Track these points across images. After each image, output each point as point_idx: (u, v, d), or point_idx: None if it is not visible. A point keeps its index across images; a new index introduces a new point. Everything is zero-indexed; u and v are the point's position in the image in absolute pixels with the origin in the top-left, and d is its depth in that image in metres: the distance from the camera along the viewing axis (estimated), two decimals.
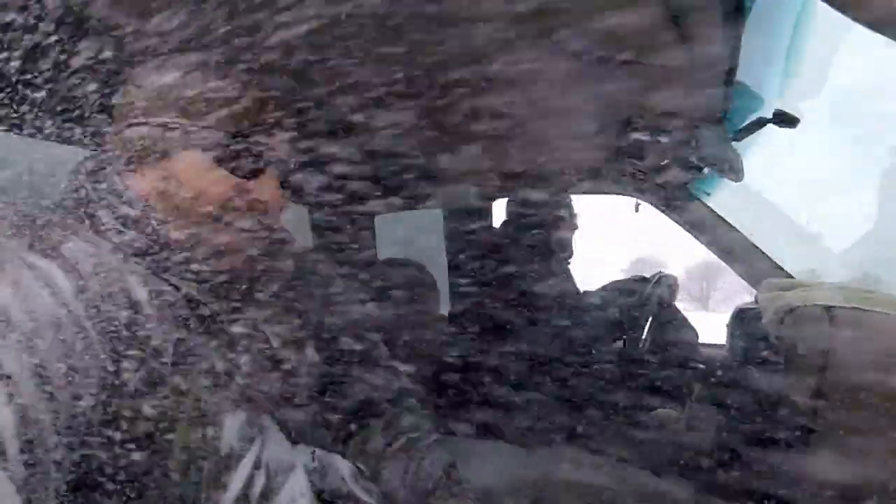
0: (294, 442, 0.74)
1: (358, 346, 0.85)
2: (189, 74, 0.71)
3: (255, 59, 0.81)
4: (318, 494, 0.72)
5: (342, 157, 1.85)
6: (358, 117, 1.36)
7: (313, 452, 0.75)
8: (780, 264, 1.78)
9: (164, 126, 0.69)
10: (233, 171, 0.70)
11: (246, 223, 0.73)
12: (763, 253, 1.82)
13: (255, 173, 0.72)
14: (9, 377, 0.42)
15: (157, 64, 0.73)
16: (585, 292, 1.87)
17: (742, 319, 1.65)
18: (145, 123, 0.70)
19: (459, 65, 1.11)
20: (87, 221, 0.66)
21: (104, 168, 0.75)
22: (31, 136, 1.22)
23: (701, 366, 1.40)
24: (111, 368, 0.54)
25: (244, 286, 0.77)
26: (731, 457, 1.20)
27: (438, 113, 1.42)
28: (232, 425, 0.65)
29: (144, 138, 0.70)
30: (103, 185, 0.70)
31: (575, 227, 2.08)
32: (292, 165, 0.78)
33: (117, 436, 0.56)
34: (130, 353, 0.57)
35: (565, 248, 2.05)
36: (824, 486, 1.01)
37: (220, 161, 0.70)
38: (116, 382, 0.55)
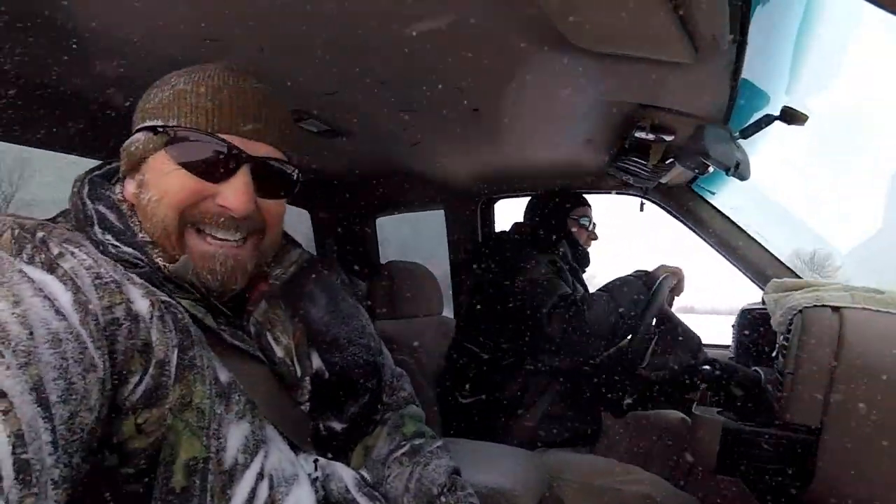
0: (297, 451, 0.73)
1: (362, 354, 0.84)
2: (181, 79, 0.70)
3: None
4: (322, 503, 0.71)
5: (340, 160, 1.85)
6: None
7: (316, 461, 0.74)
8: (787, 264, 1.77)
9: (148, 130, 0.68)
10: (197, 173, 0.67)
11: (218, 231, 0.69)
12: (769, 252, 1.80)
13: (222, 175, 0.68)
14: (4, 394, 0.41)
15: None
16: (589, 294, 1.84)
17: (749, 319, 1.64)
18: (139, 129, 0.69)
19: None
20: (83, 233, 0.65)
21: (110, 178, 0.74)
22: None
23: (706, 367, 1.38)
24: (112, 382, 0.53)
25: (236, 296, 0.74)
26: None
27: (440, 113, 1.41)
28: (236, 436, 0.63)
29: (132, 144, 0.70)
30: (103, 198, 0.69)
31: (595, 238, 2.05)
32: (282, 168, 0.73)
33: (119, 450, 0.55)
34: (132, 366, 0.56)
35: (585, 261, 2.04)
36: (833, 490, 1.00)
37: (184, 163, 0.67)
38: (118, 398, 0.54)
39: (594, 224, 2.03)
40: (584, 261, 2.01)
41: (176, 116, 0.67)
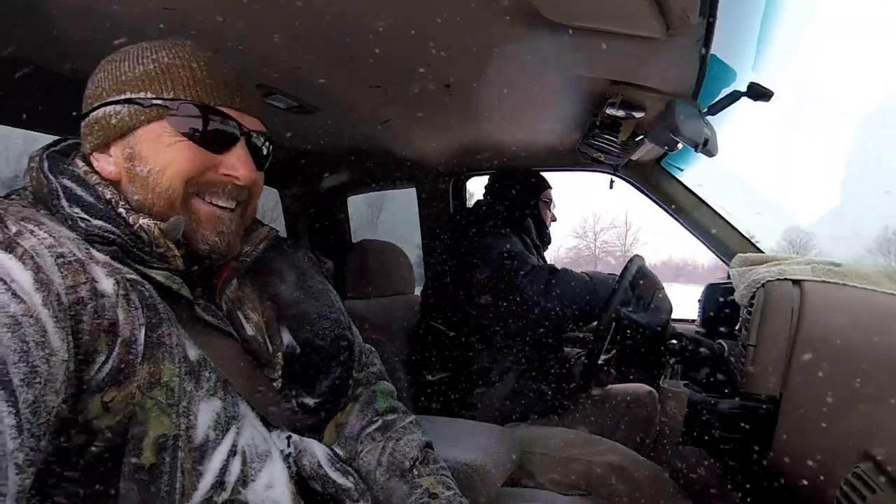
0: (270, 428, 0.73)
1: (333, 328, 0.84)
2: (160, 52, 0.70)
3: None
4: (295, 479, 0.71)
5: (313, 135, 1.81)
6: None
7: (289, 438, 0.74)
8: (751, 239, 1.81)
9: (130, 102, 0.68)
10: (201, 144, 0.69)
11: (219, 199, 0.71)
12: (734, 228, 1.84)
13: (225, 146, 0.70)
14: None
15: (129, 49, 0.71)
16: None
17: (714, 294, 1.68)
18: (114, 102, 0.68)
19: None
20: (43, 210, 0.63)
21: (68, 154, 0.72)
22: None
23: (672, 342, 1.41)
24: (76, 363, 0.51)
25: (206, 274, 0.74)
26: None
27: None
28: (206, 413, 0.63)
29: (111, 116, 0.68)
30: (67, 172, 0.68)
31: (555, 219, 2.08)
32: (263, 141, 0.76)
33: (86, 429, 0.54)
34: (98, 345, 0.54)
35: (548, 241, 2.06)
36: (791, 457, 1.04)
37: (187, 134, 0.68)
38: (83, 377, 0.53)
39: (555, 205, 2.07)
40: (546, 240, 2.05)
41: (172, 89, 0.68)
